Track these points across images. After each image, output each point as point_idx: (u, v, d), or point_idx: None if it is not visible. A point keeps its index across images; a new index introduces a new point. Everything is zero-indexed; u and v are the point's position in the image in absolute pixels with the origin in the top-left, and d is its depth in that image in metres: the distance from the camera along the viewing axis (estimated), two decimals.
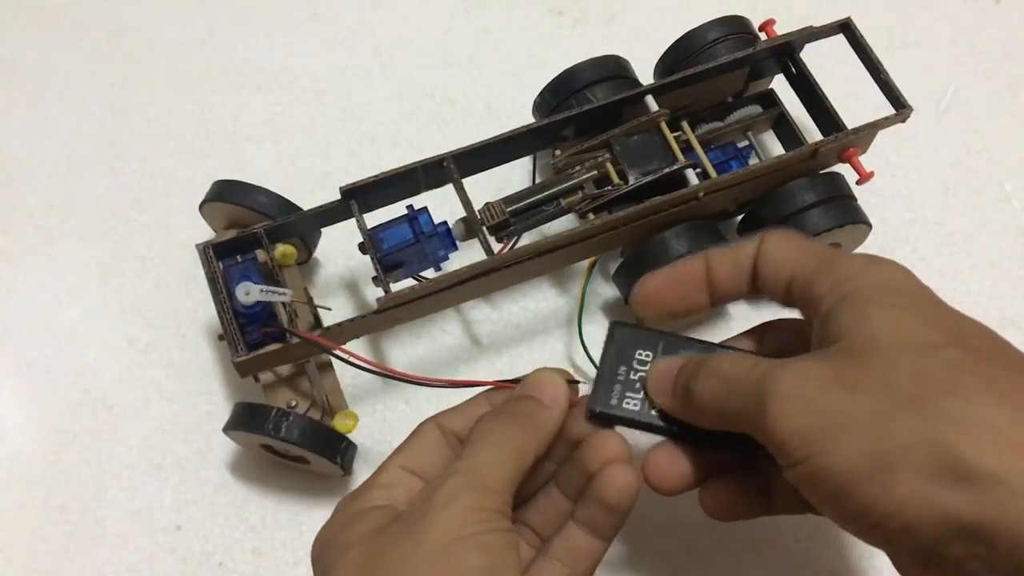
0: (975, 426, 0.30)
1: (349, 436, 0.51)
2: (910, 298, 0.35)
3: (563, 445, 0.41)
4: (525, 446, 0.38)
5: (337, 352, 0.47)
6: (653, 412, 0.41)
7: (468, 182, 0.51)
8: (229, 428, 0.50)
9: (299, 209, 0.54)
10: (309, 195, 0.59)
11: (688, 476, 0.40)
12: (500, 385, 0.42)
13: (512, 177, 0.61)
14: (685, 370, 0.39)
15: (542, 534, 0.41)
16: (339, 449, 0.50)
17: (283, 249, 0.51)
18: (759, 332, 0.43)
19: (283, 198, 0.54)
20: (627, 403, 0.41)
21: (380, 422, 0.56)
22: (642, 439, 0.42)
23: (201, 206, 0.55)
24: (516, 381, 0.42)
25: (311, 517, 0.53)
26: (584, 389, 0.42)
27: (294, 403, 0.51)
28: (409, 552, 0.34)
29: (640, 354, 0.42)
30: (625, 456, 0.40)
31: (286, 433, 0.48)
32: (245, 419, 0.49)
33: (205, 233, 0.57)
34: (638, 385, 0.41)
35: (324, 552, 0.37)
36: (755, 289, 0.40)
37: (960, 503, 0.29)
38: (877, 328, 0.33)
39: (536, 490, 0.42)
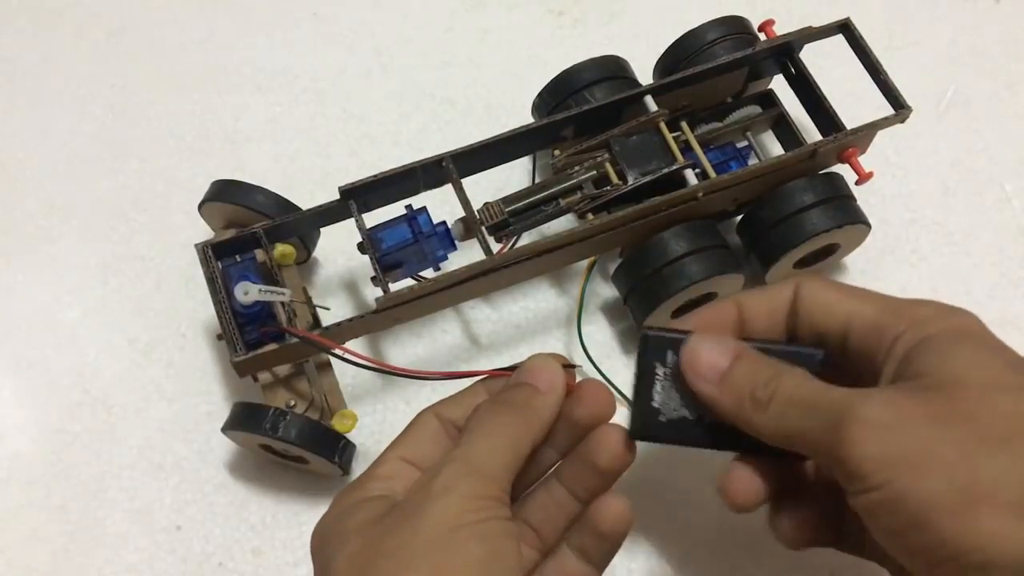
0: None
1: (348, 436, 0.51)
2: (991, 345, 0.35)
3: (563, 431, 0.41)
4: (522, 433, 0.38)
5: (335, 351, 0.47)
6: (695, 424, 0.39)
7: (467, 182, 0.51)
8: (228, 428, 0.50)
9: (298, 209, 0.54)
10: (309, 195, 0.59)
11: (762, 492, 0.39)
12: (496, 374, 0.42)
13: (511, 177, 0.61)
14: (744, 372, 0.38)
15: (540, 531, 0.41)
16: (337, 449, 0.50)
17: (282, 249, 0.51)
18: None
19: (282, 198, 0.54)
20: (669, 415, 0.39)
21: (380, 421, 0.56)
22: None
23: (200, 206, 0.55)
24: (512, 369, 0.41)
25: (311, 517, 0.53)
26: (580, 374, 0.42)
27: (293, 403, 0.51)
28: (408, 540, 0.34)
29: (674, 359, 0.39)
30: (628, 450, 0.40)
31: (284, 433, 0.48)
32: (243, 419, 0.49)
33: (205, 233, 0.57)
34: (678, 397, 0.40)
35: (323, 543, 0.37)
36: (791, 333, 0.40)
37: None
38: (964, 368, 0.33)
39: (533, 483, 0.42)
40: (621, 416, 0.41)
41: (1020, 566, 0.30)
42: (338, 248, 0.60)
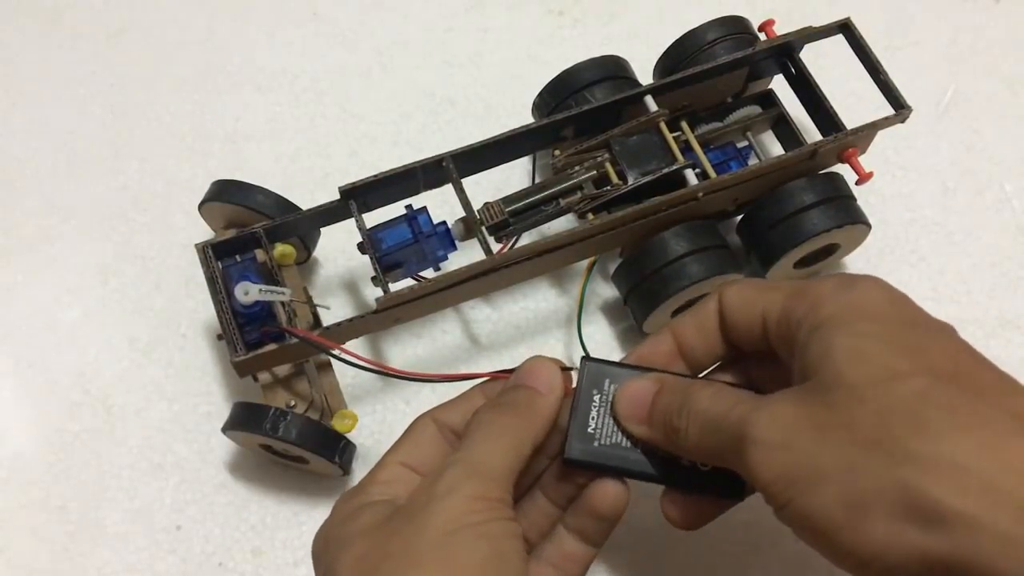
0: (941, 466, 0.30)
1: (348, 436, 0.51)
2: (879, 324, 0.35)
3: (557, 436, 0.41)
4: (523, 434, 0.38)
5: (335, 351, 0.47)
6: (631, 449, 0.40)
7: (467, 182, 0.51)
8: (228, 428, 0.50)
9: (298, 208, 0.54)
10: (309, 195, 0.60)
11: (704, 513, 0.41)
12: (495, 376, 0.42)
13: (511, 177, 0.61)
14: (663, 403, 0.39)
15: (529, 539, 0.41)
16: (337, 449, 0.50)
17: (282, 249, 0.51)
18: (742, 363, 0.42)
19: (282, 197, 0.54)
20: (603, 443, 0.40)
21: (380, 422, 0.56)
22: None
23: (200, 206, 0.55)
24: (510, 371, 0.42)
25: (311, 517, 0.53)
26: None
27: (293, 403, 0.51)
28: (412, 542, 0.34)
29: (613, 387, 0.41)
30: None
31: (284, 433, 0.48)
32: (243, 419, 0.49)
33: (205, 233, 0.57)
34: (613, 427, 0.40)
35: (326, 548, 0.37)
36: (730, 344, 0.40)
37: (935, 544, 0.29)
38: (842, 363, 0.33)
39: (522, 495, 0.42)
40: None
41: (919, 568, 0.30)
42: (338, 248, 0.60)
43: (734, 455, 0.35)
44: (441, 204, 0.53)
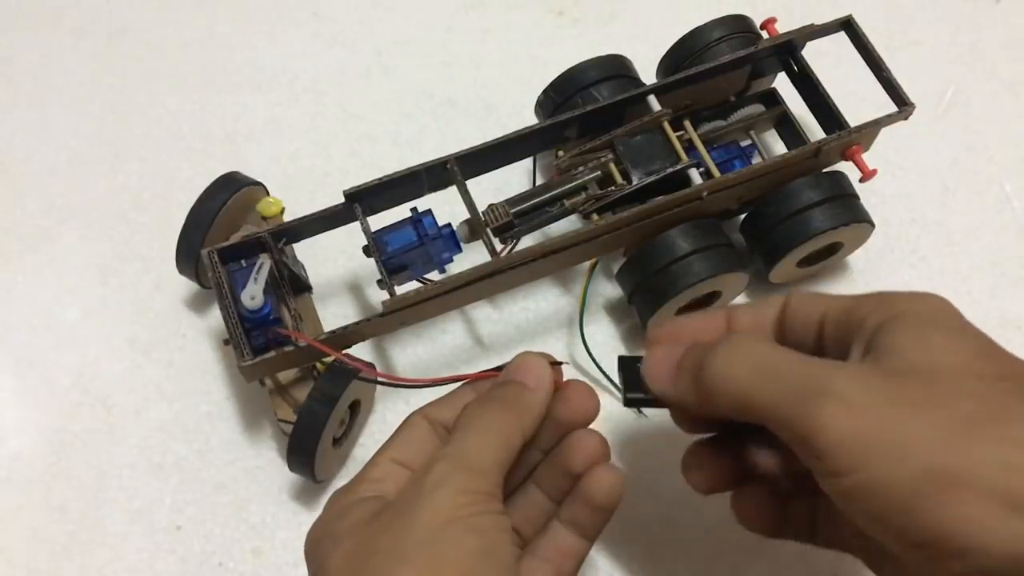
0: None
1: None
2: (961, 328, 0.35)
3: (548, 430, 0.41)
4: (512, 429, 0.38)
5: (340, 358, 0.47)
6: None
7: (469, 184, 0.51)
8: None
9: (243, 177, 0.54)
10: (309, 195, 0.60)
11: (724, 477, 0.40)
12: (485, 375, 0.42)
13: (512, 178, 0.61)
14: (694, 352, 0.37)
15: (523, 533, 0.41)
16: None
17: (269, 202, 0.51)
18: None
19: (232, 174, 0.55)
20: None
21: (379, 421, 0.56)
22: (630, 425, 0.42)
23: (178, 265, 0.55)
24: (499, 369, 0.42)
25: (311, 517, 0.52)
26: (582, 373, 0.42)
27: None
28: (402, 536, 0.34)
29: None
30: (606, 456, 0.40)
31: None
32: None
33: None
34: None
35: (317, 545, 0.37)
36: (778, 340, 0.40)
37: None
38: (937, 351, 0.33)
39: (515, 489, 0.42)
40: (604, 415, 0.42)
41: (1002, 553, 0.29)
42: (340, 249, 0.60)
43: (790, 409, 0.33)
44: (441, 205, 0.53)
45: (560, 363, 0.42)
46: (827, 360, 0.34)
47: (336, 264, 0.60)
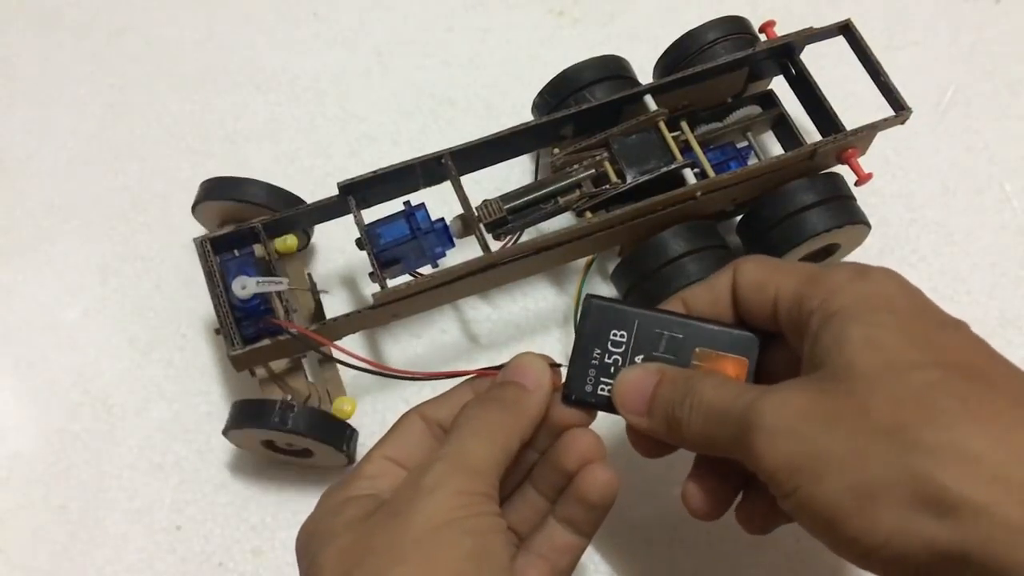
0: (953, 455, 0.30)
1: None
2: (894, 314, 0.34)
3: (545, 432, 0.41)
4: (510, 430, 0.38)
5: (330, 348, 0.47)
6: None
7: (467, 181, 0.51)
8: (231, 428, 0.50)
9: (290, 195, 0.54)
10: (309, 195, 0.59)
11: (725, 500, 0.40)
12: (483, 373, 0.42)
13: (511, 176, 0.61)
14: (665, 394, 0.39)
15: (519, 532, 0.41)
16: (344, 436, 0.50)
17: (284, 239, 0.52)
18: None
19: (272, 185, 0.54)
20: (602, 389, 0.41)
21: (379, 421, 0.56)
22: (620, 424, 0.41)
23: (193, 209, 0.55)
24: (499, 368, 0.42)
25: None
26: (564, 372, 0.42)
27: (290, 397, 0.51)
28: (397, 536, 0.34)
29: (615, 334, 0.41)
30: (601, 455, 0.40)
31: (293, 424, 0.48)
32: (248, 415, 0.49)
33: (204, 232, 0.57)
34: (612, 370, 0.41)
35: (309, 541, 0.37)
36: (739, 318, 0.40)
37: (944, 533, 0.29)
38: (855, 352, 0.33)
39: (512, 490, 0.42)
40: (602, 414, 0.41)
41: (927, 557, 0.30)
42: (335, 243, 0.60)
43: (738, 444, 0.34)
44: (440, 202, 0.53)
45: (559, 365, 0.42)
46: (757, 388, 0.36)
47: (332, 259, 0.60)
